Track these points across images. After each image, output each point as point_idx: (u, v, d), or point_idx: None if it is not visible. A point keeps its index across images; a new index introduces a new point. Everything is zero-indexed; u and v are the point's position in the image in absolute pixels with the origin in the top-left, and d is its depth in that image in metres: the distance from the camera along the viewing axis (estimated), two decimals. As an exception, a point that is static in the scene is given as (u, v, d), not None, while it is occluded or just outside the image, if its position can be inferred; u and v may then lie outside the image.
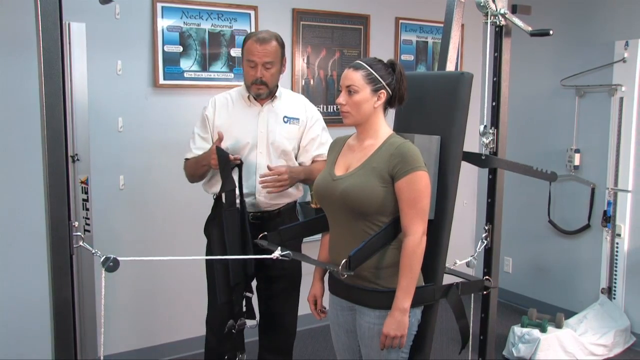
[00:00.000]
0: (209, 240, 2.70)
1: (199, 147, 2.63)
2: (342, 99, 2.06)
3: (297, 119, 2.66)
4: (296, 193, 2.73)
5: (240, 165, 2.49)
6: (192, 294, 3.55)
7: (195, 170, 2.63)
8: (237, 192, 2.50)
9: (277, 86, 2.67)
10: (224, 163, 2.42)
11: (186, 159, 2.69)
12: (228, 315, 2.49)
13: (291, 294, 2.76)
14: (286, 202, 2.69)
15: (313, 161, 2.71)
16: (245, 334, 2.60)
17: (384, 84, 2.02)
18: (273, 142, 2.60)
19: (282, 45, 2.60)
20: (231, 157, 2.45)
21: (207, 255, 2.71)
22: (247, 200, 2.56)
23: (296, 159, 2.70)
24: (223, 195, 2.45)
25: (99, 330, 2.94)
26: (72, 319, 1.67)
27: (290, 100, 2.71)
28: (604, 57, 4.02)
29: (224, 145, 2.49)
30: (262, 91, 2.57)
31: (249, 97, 2.63)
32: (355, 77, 2.03)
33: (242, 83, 2.69)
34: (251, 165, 2.58)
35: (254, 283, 2.69)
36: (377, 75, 2.02)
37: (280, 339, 2.80)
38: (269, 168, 2.49)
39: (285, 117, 2.64)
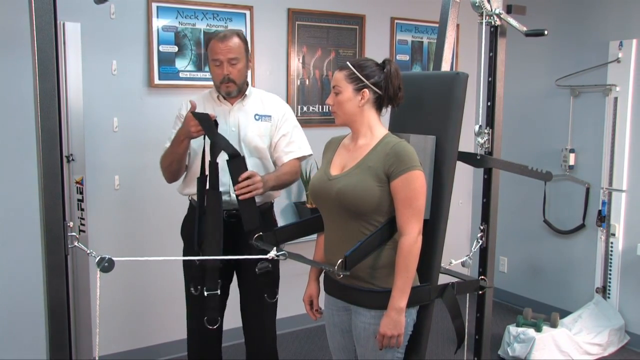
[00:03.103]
0: (190, 240, 2.65)
1: None
2: (330, 99, 2.09)
3: (269, 116, 2.64)
4: (274, 194, 2.70)
5: (215, 123, 2.41)
6: (188, 294, 3.55)
7: (172, 155, 2.52)
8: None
9: (248, 85, 2.64)
10: (207, 124, 2.36)
11: (161, 157, 2.62)
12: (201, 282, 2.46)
13: (270, 297, 2.71)
14: (262, 202, 2.64)
15: (282, 163, 2.66)
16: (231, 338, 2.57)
17: (366, 82, 2.02)
18: (244, 139, 2.57)
19: (244, 41, 2.57)
20: (211, 115, 2.40)
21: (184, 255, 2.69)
22: (222, 198, 2.49)
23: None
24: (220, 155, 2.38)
25: (94, 330, 2.94)
26: (67, 320, 1.67)
27: (261, 98, 2.68)
28: (599, 57, 4.04)
29: (196, 143, 2.49)
30: (231, 89, 2.55)
31: (218, 97, 2.61)
32: (339, 77, 2.05)
33: None
34: (224, 164, 2.53)
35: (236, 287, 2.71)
36: (359, 75, 2.02)
37: (264, 344, 2.76)
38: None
39: (256, 114, 2.61)
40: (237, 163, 2.37)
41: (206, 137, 2.41)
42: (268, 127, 2.63)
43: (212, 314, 2.45)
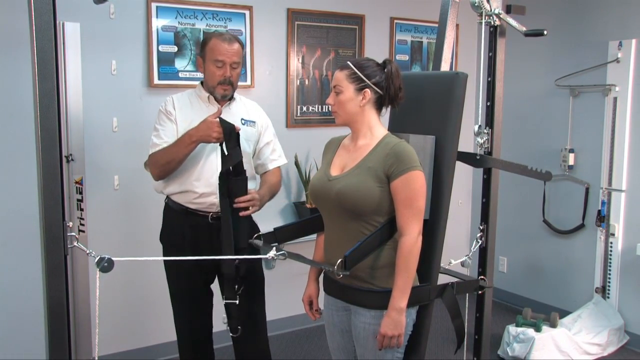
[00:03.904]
0: (171, 245, 2.66)
1: (169, 140, 2.51)
2: (330, 99, 2.08)
3: (254, 121, 2.66)
4: None
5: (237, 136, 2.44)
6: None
7: (175, 154, 2.46)
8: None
9: None
10: (228, 134, 2.39)
11: (150, 157, 2.55)
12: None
13: (257, 297, 2.70)
14: None
15: (266, 171, 2.72)
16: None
17: (368, 82, 2.02)
18: None
19: (243, 46, 2.60)
20: (237, 127, 2.42)
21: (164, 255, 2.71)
22: (208, 199, 2.53)
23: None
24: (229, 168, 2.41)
25: (94, 330, 2.94)
26: (66, 320, 1.67)
27: (244, 103, 2.71)
28: (598, 57, 4.04)
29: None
30: (228, 92, 2.56)
31: (208, 97, 2.58)
32: (340, 76, 2.04)
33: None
34: (212, 165, 2.53)
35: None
36: (360, 74, 2.02)
37: (256, 346, 2.73)
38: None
39: (242, 119, 2.62)
40: (241, 181, 2.43)
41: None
42: (254, 132, 2.65)
43: (234, 324, 2.46)
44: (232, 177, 2.41)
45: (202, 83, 2.64)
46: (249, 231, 2.41)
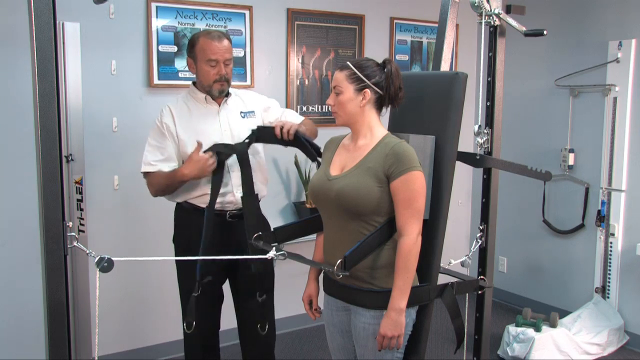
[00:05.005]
0: (187, 245, 2.65)
1: (164, 159, 2.52)
2: (330, 99, 2.08)
3: (253, 112, 2.67)
4: (262, 190, 2.69)
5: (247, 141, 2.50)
6: (187, 294, 3.54)
7: (171, 186, 2.51)
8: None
9: None
10: (239, 154, 2.45)
11: (147, 173, 2.56)
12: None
13: (265, 297, 2.67)
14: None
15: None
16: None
17: (368, 82, 2.02)
18: (238, 137, 2.56)
19: (231, 41, 2.61)
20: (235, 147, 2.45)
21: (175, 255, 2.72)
22: (225, 198, 2.52)
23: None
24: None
25: (94, 330, 2.94)
26: (66, 320, 1.67)
27: (240, 96, 2.71)
28: (598, 57, 4.04)
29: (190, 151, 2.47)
30: (224, 87, 2.56)
31: (205, 97, 2.58)
32: (339, 77, 2.04)
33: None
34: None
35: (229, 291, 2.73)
36: (360, 75, 2.02)
37: (261, 346, 2.72)
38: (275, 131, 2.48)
39: (241, 112, 2.64)
40: (266, 131, 2.51)
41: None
42: (254, 122, 2.65)
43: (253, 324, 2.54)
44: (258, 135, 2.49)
45: (194, 83, 2.63)
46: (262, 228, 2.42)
